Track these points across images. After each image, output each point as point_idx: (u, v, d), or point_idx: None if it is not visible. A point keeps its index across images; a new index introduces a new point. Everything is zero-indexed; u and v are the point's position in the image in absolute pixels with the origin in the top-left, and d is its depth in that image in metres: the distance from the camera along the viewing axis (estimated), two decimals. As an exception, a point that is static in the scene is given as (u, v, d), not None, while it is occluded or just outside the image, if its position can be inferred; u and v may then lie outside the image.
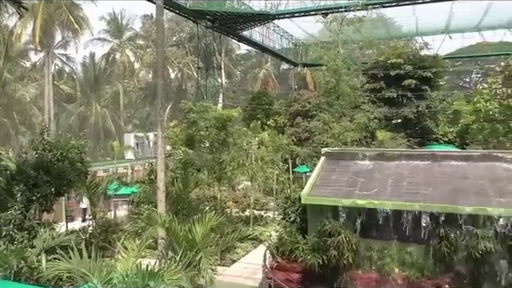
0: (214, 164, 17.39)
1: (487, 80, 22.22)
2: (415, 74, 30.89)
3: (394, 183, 11.28)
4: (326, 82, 29.31)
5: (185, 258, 8.36)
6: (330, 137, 24.64)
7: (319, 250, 10.59)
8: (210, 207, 14.55)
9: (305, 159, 26.29)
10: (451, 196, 10.28)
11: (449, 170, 11.56)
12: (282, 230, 12.22)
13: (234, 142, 21.15)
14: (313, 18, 35.82)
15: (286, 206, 12.61)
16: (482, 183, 10.70)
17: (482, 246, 9.31)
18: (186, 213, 12.00)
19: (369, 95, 30.63)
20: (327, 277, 10.61)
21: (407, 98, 31.06)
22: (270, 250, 12.03)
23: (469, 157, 12.05)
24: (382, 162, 12.39)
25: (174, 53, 59.69)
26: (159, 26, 11.50)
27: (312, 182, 11.87)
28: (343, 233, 10.36)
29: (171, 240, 9.29)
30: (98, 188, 14.36)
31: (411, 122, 31.22)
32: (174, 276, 6.87)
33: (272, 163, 23.26)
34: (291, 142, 27.31)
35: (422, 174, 11.53)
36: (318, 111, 28.45)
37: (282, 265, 11.36)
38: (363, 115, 27.05)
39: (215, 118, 19.16)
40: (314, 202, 11.24)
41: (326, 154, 13.18)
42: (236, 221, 19.29)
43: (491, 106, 19.78)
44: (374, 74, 32.33)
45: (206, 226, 9.07)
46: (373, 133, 27.35)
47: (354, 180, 11.72)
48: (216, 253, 11.77)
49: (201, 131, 20.34)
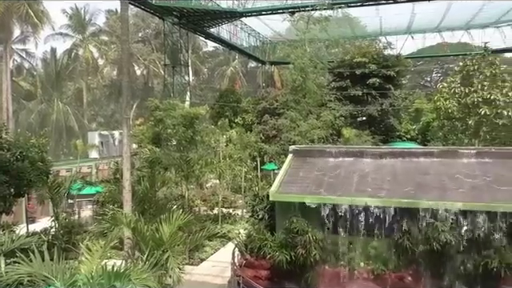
0: (182, 162, 17.20)
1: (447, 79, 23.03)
2: (379, 72, 31.73)
3: (359, 179, 11.55)
4: (293, 80, 29.55)
5: (152, 257, 8.24)
6: (298, 134, 24.90)
7: (287, 246, 10.71)
8: (178, 206, 14.38)
9: (273, 157, 26.47)
10: (413, 191, 10.64)
11: (411, 166, 11.95)
12: (251, 228, 12.27)
13: (201, 139, 20.97)
14: (280, 17, 36.07)
15: (255, 203, 12.67)
16: (442, 178, 11.13)
17: (442, 238, 9.67)
18: (153, 212, 11.83)
19: (335, 93, 31.17)
20: (295, 273, 10.74)
21: (372, 97, 31.86)
22: (238, 248, 12.05)
23: (430, 153, 12.49)
24: (348, 159, 12.65)
25: (139, 49, 58.50)
26: (124, 22, 11.23)
27: (280, 179, 11.97)
28: (310, 232, 10.51)
29: (138, 240, 9.13)
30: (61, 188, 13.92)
31: (376, 119, 32.05)
32: (140, 276, 6.76)
33: (240, 161, 23.28)
34: (259, 139, 27.43)
35: (385, 171, 11.86)
36: (285, 109, 28.67)
37: (251, 262, 11.40)
38: (329, 113, 27.49)
39: (182, 116, 18.92)
40: (282, 199, 11.34)
41: (293, 152, 13.32)
42: (204, 219, 19.19)
43: (450, 104, 20.49)
44: (340, 72, 32.95)
45: (174, 225, 8.98)
46: (339, 130, 27.87)
47: (321, 177, 11.91)
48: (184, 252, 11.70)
49: (168, 129, 20.05)
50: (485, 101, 19.14)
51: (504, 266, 9.40)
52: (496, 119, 19.13)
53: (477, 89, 19.43)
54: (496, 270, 9.43)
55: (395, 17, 36.46)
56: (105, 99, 60.16)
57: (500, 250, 9.59)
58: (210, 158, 19.56)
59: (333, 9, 30.36)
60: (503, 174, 10.97)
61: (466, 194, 10.33)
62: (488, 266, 9.51)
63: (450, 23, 41.88)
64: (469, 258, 9.84)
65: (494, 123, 19.36)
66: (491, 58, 20.63)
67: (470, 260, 9.83)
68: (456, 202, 10.03)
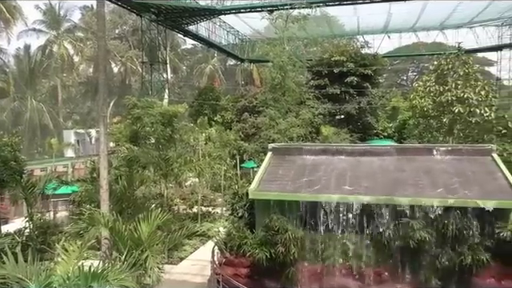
0: (160, 161, 17.04)
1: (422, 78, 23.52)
2: (357, 71, 32.17)
3: (338, 177, 11.67)
4: (272, 78, 29.64)
5: (130, 257, 8.13)
6: (277, 132, 25.00)
7: (267, 244, 10.74)
8: (157, 205, 14.25)
9: (252, 155, 26.49)
10: (390, 188, 10.83)
11: (388, 163, 12.15)
12: (230, 226, 12.25)
13: (180, 138, 20.82)
14: (259, 15, 36.09)
15: (234, 201, 12.65)
16: (417, 175, 11.37)
17: (417, 236, 9.89)
18: (132, 211, 11.67)
19: (313, 91, 31.41)
20: (275, 270, 10.79)
21: (350, 95, 32.27)
22: (218, 246, 12.02)
23: (406, 151, 12.75)
24: (327, 157, 12.77)
25: (116, 46, 57.56)
26: (100, 18, 11.02)
27: (259, 177, 11.99)
28: (290, 230, 10.57)
29: (115, 240, 9.00)
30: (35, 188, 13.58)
31: (353, 117, 32.49)
32: (118, 276, 6.67)
33: (219, 159, 23.22)
34: (238, 137, 27.40)
35: (363, 168, 12.03)
36: (264, 107, 28.73)
37: (231, 260, 11.40)
38: (308, 111, 27.71)
39: (161, 114, 18.73)
40: (262, 197, 11.36)
41: (272, 150, 13.36)
42: (183, 218, 19.06)
43: (426, 102, 20.93)
44: (319, 70, 33.25)
45: (153, 224, 8.88)
46: (318, 128, 28.12)
47: (300, 175, 11.99)
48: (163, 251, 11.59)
49: (146, 127, 19.80)
50: (458, 99, 19.62)
51: (476, 262, 9.69)
52: (469, 117, 19.64)
53: (451, 88, 19.89)
54: (469, 263, 9.71)
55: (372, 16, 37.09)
56: (81, 97, 58.96)
57: (473, 244, 9.86)
58: (189, 156, 19.44)
59: (311, 7, 30.63)
60: (475, 171, 11.29)
61: (440, 190, 10.59)
62: (462, 260, 9.78)
63: (425, 23, 42.86)
64: (444, 254, 10.08)
65: (467, 121, 19.88)
66: (464, 58, 21.16)
67: (445, 256, 10.08)
68: (431, 198, 10.27)
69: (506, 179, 10.70)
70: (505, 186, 10.53)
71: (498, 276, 9.94)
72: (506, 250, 9.82)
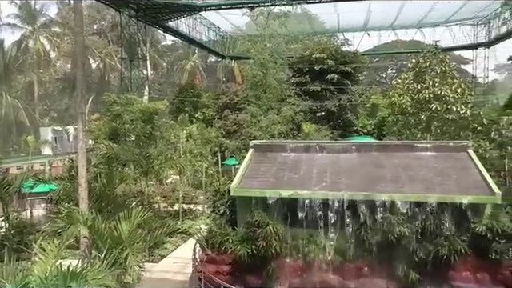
0: (141, 158, 16.84)
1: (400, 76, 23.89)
2: (337, 68, 32.47)
3: (319, 174, 11.78)
4: (254, 75, 29.63)
5: (110, 256, 8.02)
6: (258, 129, 25.03)
7: (248, 240, 10.76)
8: (137, 203, 14.09)
9: (233, 152, 26.46)
10: (370, 184, 10.99)
11: (368, 159, 12.32)
12: (212, 223, 12.22)
13: (161, 135, 20.62)
14: (240, 11, 36.02)
15: (216, 198, 12.64)
16: (396, 171, 11.57)
17: (396, 231, 10.07)
18: (111, 209, 11.49)
19: (295, 89, 31.59)
20: (256, 266, 10.83)
21: (330, 92, 32.56)
22: (199, 243, 11.98)
23: (385, 147, 12.95)
24: (308, 154, 12.87)
25: (94, 42, 56.51)
26: (78, 13, 10.79)
27: (241, 174, 12.00)
28: (271, 224, 10.62)
29: (95, 238, 8.86)
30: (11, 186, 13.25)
31: (334, 114, 32.80)
32: (98, 275, 6.57)
33: (201, 156, 23.08)
34: (220, 134, 27.33)
35: (343, 165, 12.16)
36: (246, 104, 28.72)
37: (212, 257, 11.38)
38: (289, 108, 27.83)
39: (141, 111, 18.50)
40: (243, 194, 11.38)
41: (254, 147, 13.37)
42: (165, 215, 18.90)
43: (404, 100, 21.26)
44: (300, 68, 33.42)
45: (133, 222, 8.78)
46: (299, 125, 28.28)
47: (281, 171, 12.06)
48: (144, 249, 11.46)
49: (126, 124, 19.55)
50: (436, 97, 20.00)
51: (453, 253, 9.93)
52: (446, 114, 20.05)
53: (428, 85, 20.25)
54: (446, 257, 9.94)
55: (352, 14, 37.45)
56: (58, 93, 57.73)
57: (450, 238, 10.10)
58: (169, 153, 19.27)
59: (292, 5, 30.71)
60: (451, 167, 11.55)
61: (418, 186, 10.80)
62: (439, 254, 10.01)
63: (404, 21, 43.55)
64: (422, 247, 10.29)
65: (444, 118, 20.29)
66: (441, 56, 21.58)
67: (423, 249, 10.29)
68: (410, 194, 10.47)
69: (481, 175, 10.98)
70: (480, 181, 10.81)
71: (474, 269, 10.21)
72: (481, 244, 10.10)
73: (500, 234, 9.91)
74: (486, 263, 10.11)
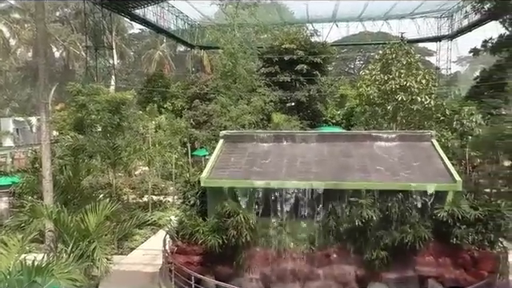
0: (108, 149, 16.47)
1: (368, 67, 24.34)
2: (306, 59, 32.68)
3: (289, 163, 11.91)
4: (223, 65, 29.45)
5: (77, 249, 7.86)
6: (228, 120, 24.97)
7: (219, 230, 10.77)
8: (105, 195, 13.80)
9: (204, 142, 26.32)
10: (338, 173, 11.21)
11: (336, 149, 12.54)
12: (182, 214, 12.15)
13: (129, 126, 20.20)
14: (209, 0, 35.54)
15: (186, 189, 12.55)
16: (364, 160, 11.84)
17: (364, 215, 10.33)
18: (78, 202, 11.21)
19: (264, 79, 31.60)
20: (227, 256, 10.87)
21: (300, 83, 32.78)
22: (170, 235, 11.90)
23: (353, 137, 13.22)
24: (278, 144, 12.96)
25: (57, 29, 54.42)
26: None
27: (211, 164, 11.97)
28: (241, 213, 10.67)
29: (61, 232, 8.65)
30: (-31, 180, 12.69)
31: (303, 105, 33.09)
32: (64, 269, 6.43)
33: (170, 147, 22.83)
34: (189, 125, 27.09)
35: (313, 154, 12.34)
36: (215, 94, 28.53)
37: (183, 248, 11.34)
38: (259, 98, 27.86)
39: (107, 101, 18.03)
40: (214, 185, 11.36)
41: (224, 137, 13.34)
42: (134, 207, 18.61)
43: (371, 90, 21.73)
44: (269, 58, 33.42)
45: (100, 215, 8.63)
46: (269, 115, 28.39)
47: (252, 162, 12.10)
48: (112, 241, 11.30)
49: (92, 115, 19.02)
50: (401, 88, 20.55)
51: (418, 240, 10.30)
52: (411, 105, 20.66)
53: (394, 76, 20.78)
54: (411, 243, 10.31)
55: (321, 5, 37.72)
56: (19, 83, 55.39)
57: (414, 226, 10.47)
58: (138, 144, 18.93)
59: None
60: (416, 156, 11.94)
61: (385, 174, 11.11)
62: (404, 241, 10.36)
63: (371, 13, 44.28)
64: (388, 234, 10.62)
65: (410, 109, 20.91)
66: (407, 48, 22.14)
67: (389, 235, 10.62)
68: (377, 182, 10.76)
69: (444, 164, 11.41)
70: (442, 170, 11.23)
71: (436, 254, 10.64)
72: (442, 230, 10.52)
73: (460, 220, 10.35)
74: (448, 248, 10.56)
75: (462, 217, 10.32)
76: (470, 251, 10.48)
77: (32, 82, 50.50)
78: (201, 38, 49.73)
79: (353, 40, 52.93)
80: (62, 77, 50.21)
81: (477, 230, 10.46)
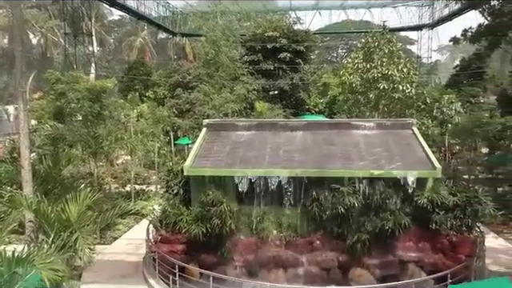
0: (89, 139, 16.20)
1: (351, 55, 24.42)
2: (289, 47, 32.60)
3: (272, 152, 11.94)
4: (206, 52, 29.20)
5: (58, 239, 7.77)
6: (211, 108, 24.84)
7: (203, 219, 10.79)
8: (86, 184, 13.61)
9: (186, 131, 26.15)
10: (321, 161, 11.31)
11: (319, 137, 12.63)
12: (166, 203, 12.10)
13: (110, 114, 19.88)
14: (191, -13, 35.01)
15: (169, 178, 12.49)
16: (346, 148, 11.96)
17: (347, 202, 10.48)
18: (58, 192, 11.04)
19: (247, 67, 31.46)
20: (211, 244, 10.91)
21: (283, 71, 32.73)
22: (153, 224, 11.86)
23: (336, 125, 13.31)
24: (261, 132, 12.97)
25: (34, 15, 52.79)
26: (14, -17, 10.03)
27: (194, 153, 11.92)
28: (225, 202, 10.69)
29: (41, 222, 8.52)
30: None
31: (287, 93, 33.10)
32: (46, 259, 6.36)
33: (153, 136, 22.60)
34: (172, 113, 26.81)
35: (296, 143, 12.40)
36: (198, 82, 28.31)
37: (166, 237, 11.32)
38: (242, 87, 27.77)
39: (87, 90, 17.68)
40: (197, 174, 11.34)
41: (207, 126, 13.29)
42: (116, 197, 18.44)
43: (354, 79, 21.84)
44: (252, 46, 33.22)
45: (82, 205, 8.52)
46: (252, 104, 28.33)
47: (235, 150, 12.10)
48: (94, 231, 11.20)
49: (71, 104, 18.65)
50: (383, 76, 20.72)
51: (398, 227, 10.52)
52: (393, 93, 20.86)
53: (377, 65, 20.92)
54: (391, 230, 10.52)
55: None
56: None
57: (395, 213, 10.67)
58: (120, 133, 18.68)
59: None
60: (397, 144, 12.11)
61: (366, 162, 11.25)
62: (385, 227, 10.56)
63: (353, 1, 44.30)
64: (369, 221, 10.81)
65: (391, 97, 21.12)
66: (389, 36, 22.27)
67: (370, 222, 10.81)
68: (359, 170, 10.90)
69: (424, 151, 11.62)
70: (423, 157, 11.44)
71: (416, 239, 10.89)
72: (422, 216, 10.76)
73: (439, 206, 10.60)
74: (427, 233, 10.81)
75: (441, 203, 10.56)
76: (449, 236, 10.76)
77: (9, 69, 49.03)
78: (183, 25, 49.02)
79: (335, 28, 52.96)
80: (40, 64, 48.93)
81: (455, 215, 10.74)
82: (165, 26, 48.20)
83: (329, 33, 55.44)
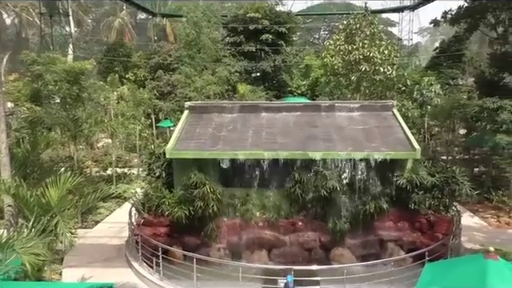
0: (68, 121, 15.89)
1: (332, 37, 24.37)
2: (272, 29, 32.31)
3: (254, 134, 11.94)
4: (187, 34, 28.73)
5: (38, 224, 7.67)
6: (193, 90, 24.59)
7: (186, 202, 10.79)
8: (66, 168, 13.42)
9: (168, 113, 25.88)
10: (304, 143, 11.37)
11: (301, 120, 12.67)
12: (148, 186, 12.05)
13: (89, 97, 19.51)
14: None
15: (151, 161, 12.40)
16: (328, 130, 12.04)
17: (329, 185, 10.62)
18: (38, 176, 10.88)
19: (229, 49, 31.13)
20: (195, 227, 10.95)
21: (265, 53, 32.50)
22: (135, 207, 11.81)
23: (318, 107, 13.35)
24: (243, 114, 12.93)
25: (7, -7, 50.87)
26: (-15, -41, 9.61)
27: (176, 136, 11.83)
28: (208, 184, 10.70)
29: (20, 207, 8.40)
30: None
31: (269, 75, 32.97)
32: (27, 244, 6.29)
33: (134, 119, 22.33)
34: (153, 96, 26.45)
35: (278, 125, 12.41)
36: (179, 64, 27.91)
37: (149, 220, 11.31)
38: (224, 69, 27.53)
39: (65, 71, 17.27)
40: (179, 156, 11.28)
41: (189, 108, 13.17)
42: (97, 180, 18.26)
43: (336, 61, 21.86)
44: (234, 27, 32.81)
45: (62, 189, 8.41)
46: (234, 86, 28.15)
47: (218, 133, 12.05)
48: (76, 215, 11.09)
49: (49, 86, 18.21)
50: (365, 58, 20.80)
51: (378, 209, 10.75)
52: (374, 75, 21.01)
53: (358, 47, 20.96)
54: (371, 211, 10.74)
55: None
56: (-33, 51, 51.92)
57: (375, 196, 10.88)
58: (100, 116, 18.38)
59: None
60: (378, 126, 12.25)
61: (348, 144, 11.37)
62: (366, 209, 10.77)
63: (336, -17, 43.91)
64: (350, 202, 11.01)
65: (373, 79, 21.27)
66: (371, 18, 22.28)
67: (351, 204, 11.02)
68: (340, 151, 11.01)
69: (404, 133, 11.79)
70: (403, 138, 11.61)
71: (395, 219, 11.15)
72: (401, 196, 11.01)
73: (418, 186, 10.84)
74: (406, 213, 11.08)
75: (420, 183, 10.80)
76: (427, 215, 11.05)
77: (-19, 50, 47.40)
78: (163, 5, 48.01)
79: (317, 10, 52.72)
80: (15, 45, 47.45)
81: (433, 195, 11.01)
82: (144, 7, 47.09)
83: (311, 14, 55.15)
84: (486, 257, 6.00)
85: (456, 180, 11.04)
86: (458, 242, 11.38)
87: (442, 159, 19.04)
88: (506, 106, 15.30)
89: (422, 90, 20.88)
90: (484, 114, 16.35)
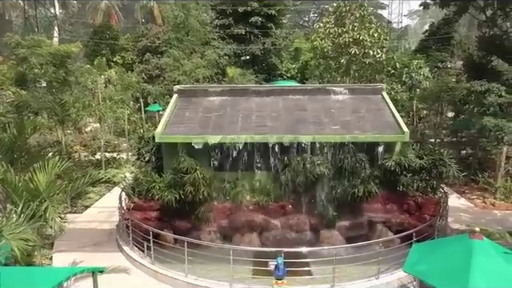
0: (55, 106, 15.64)
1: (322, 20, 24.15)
2: (261, 11, 31.87)
3: (244, 118, 11.92)
4: (175, 16, 28.24)
5: (27, 209, 7.62)
6: (182, 74, 24.32)
7: (176, 186, 10.79)
8: (54, 153, 13.28)
9: (157, 97, 25.62)
10: (293, 127, 11.40)
11: (291, 103, 12.66)
12: (137, 171, 12.01)
13: (76, 80, 19.17)
14: None
15: (140, 145, 12.34)
16: (318, 114, 12.06)
17: (317, 171, 10.70)
18: (25, 161, 10.74)
19: (218, 31, 30.71)
20: (185, 211, 10.98)
21: (254, 35, 32.14)
22: (125, 192, 11.77)
23: (307, 91, 13.35)
24: (233, 98, 12.88)
25: (-12, -26, 49.33)
26: None
27: (165, 120, 11.76)
28: (198, 169, 10.69)
29: (8, 192, 8.31)
30: None
31: (258, 58, 32.69)
32: (16, 229, 6.25)
33: (122, 103, 22.03)
34: (141, 79, 26.10)
35: (268, 108, 12.40)
36: (168, 47, 27.51)
37: (139, 205, 11.30)
38: (214, 52, 27.22)
39: (51, 54, 16.91)
40: (169, 140, 11.23)
41: (178, 92, 13.07)
42: (86, 165, 18.13)
43: (325, 44, 21.72)
44: (223, 9, 32.31)
45: (51, 174, 8.34)
46: (223, 69, 27.89)
47: (207, 116, 12.00)
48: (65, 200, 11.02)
49: (34, 69, 17.84)
50: (355, 41, 20.71)
51: (367, 193, 10.87)
52: (364, 58, 20.96)
53: (348, 29, 20.84)
54: (360, 195, 10.87)
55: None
56: None
57: (364, 179, 10.98)
58: (87, 100, 18.11)
59: None
60: (367, 109, 12.31)
61: (338, 127, 11.42)
62: (355, 193, 10.89)
63: (326, -36, 43.34)
64: (340, 185, 11.12)
65: (362, 62, 21.23)
66: (360, 1, 22.11)
67: (340, 187, 11.12)
68: (330, 135, 11.06)
69: (393, 116, 11.87)
70: (392, 122, 11.70)
71: (383, 201, 11.31)
72: (389, 178, 11.14)
73: (407, 169, 10.98)
74: (395, 195, 11.24)
75: (409, 166, 10.94)
76: (415, 197, 11.22)
77: (-37, 32, 46.11)
78: (150, -14, 46.95)
79: (307, -9, 52.07)
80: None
81: (421, 177, 11.17)
82: (131, -12, 46.07)
83: (300, -4, 54.47)
84: (472, 237, 6.14)
85: (443, 162, 11.20)
86: (444, 222, 11.61)
87: (430, 142, 19.25)
88: (493, 88, 15.43)
89: (411, 73, 20.90)
90: (472, 96, 16.49)
